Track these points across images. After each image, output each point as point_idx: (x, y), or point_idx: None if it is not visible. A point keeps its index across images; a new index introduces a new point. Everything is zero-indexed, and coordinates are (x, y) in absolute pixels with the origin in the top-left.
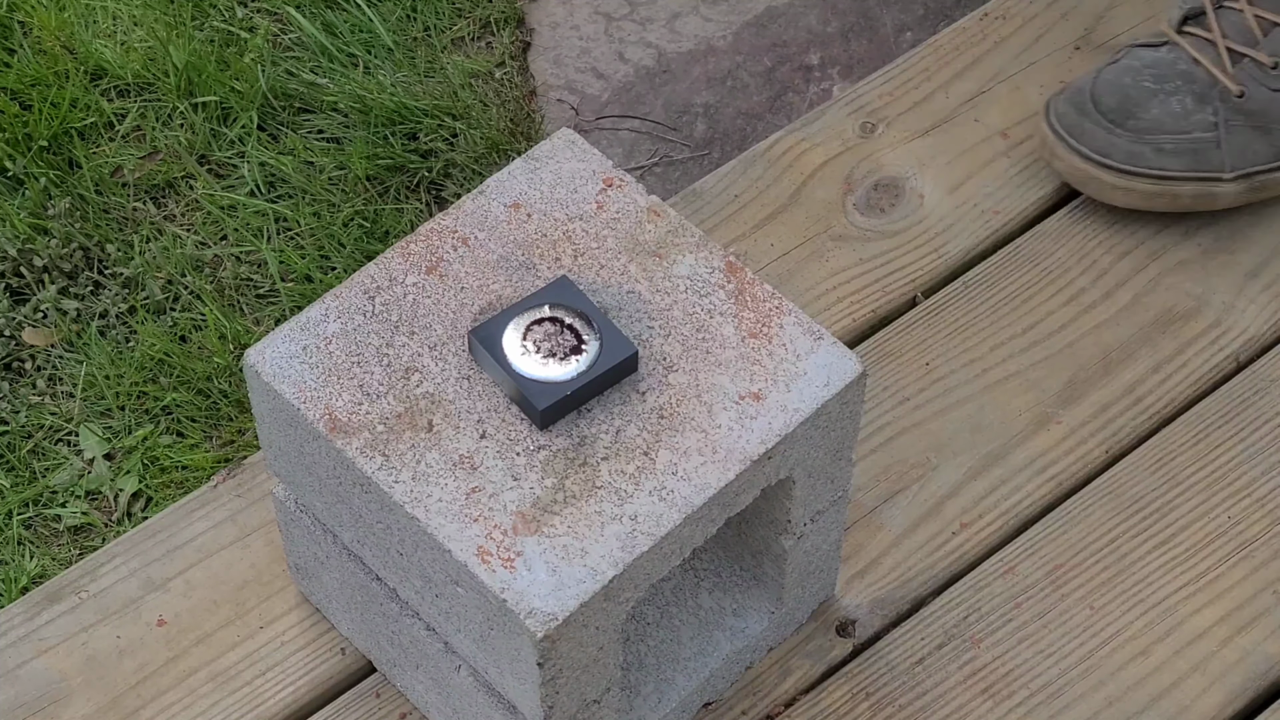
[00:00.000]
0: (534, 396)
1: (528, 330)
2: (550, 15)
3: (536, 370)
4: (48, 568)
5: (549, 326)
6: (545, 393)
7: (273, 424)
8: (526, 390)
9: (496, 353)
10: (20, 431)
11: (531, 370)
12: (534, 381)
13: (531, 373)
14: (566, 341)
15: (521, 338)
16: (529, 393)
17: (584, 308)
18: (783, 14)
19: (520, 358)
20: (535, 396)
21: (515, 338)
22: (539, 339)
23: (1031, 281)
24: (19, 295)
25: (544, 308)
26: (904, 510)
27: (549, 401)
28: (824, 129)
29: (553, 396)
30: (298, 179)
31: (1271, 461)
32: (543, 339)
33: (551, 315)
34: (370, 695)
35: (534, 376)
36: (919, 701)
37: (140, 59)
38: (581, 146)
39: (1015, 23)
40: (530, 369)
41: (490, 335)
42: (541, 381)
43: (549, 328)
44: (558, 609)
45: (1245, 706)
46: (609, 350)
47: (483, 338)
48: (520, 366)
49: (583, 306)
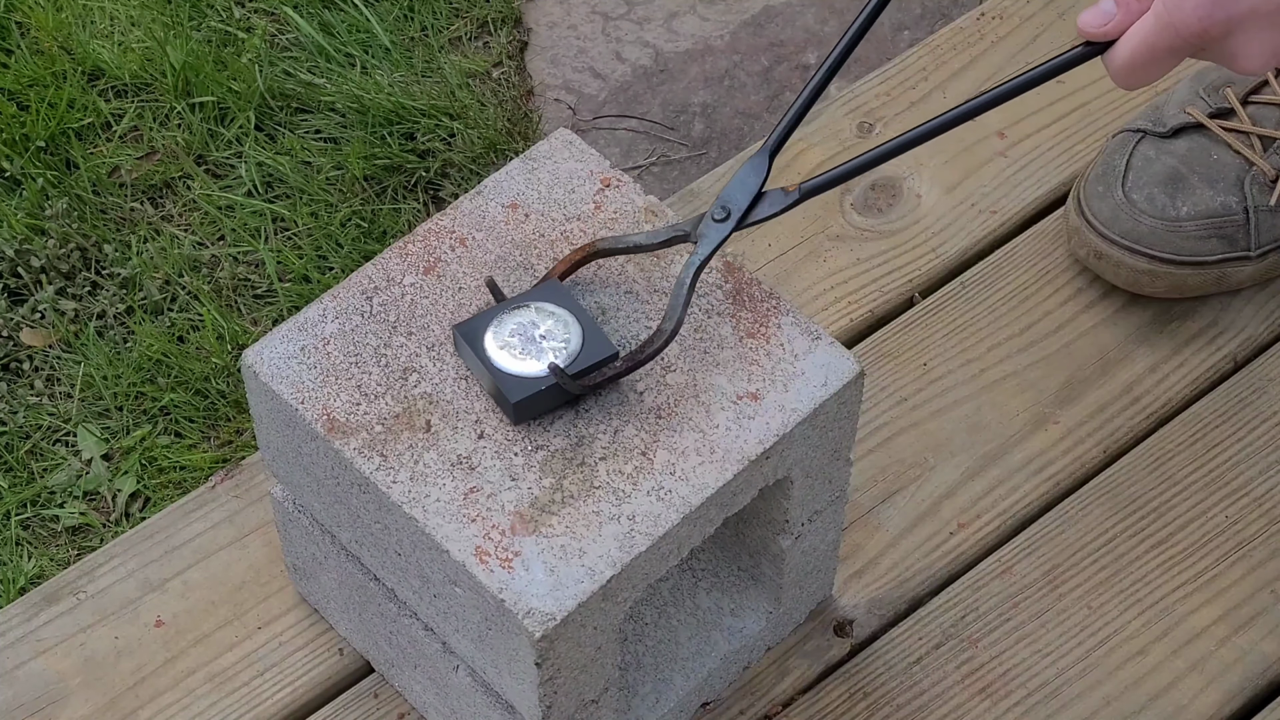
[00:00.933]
0: (508, 390)
1: (510, 327)
2: (548, 15)
3: (513, 365)
4: (46, 568)
5: (531, 325)
6: (519, 386)
7: (270, 424)
8: (501, 383)
9: (477, 347)
10: (18, 432)
11: (508, 365)
12: (509, 375)
13: (508, 367)
14: (549, 342)
15: (506, 334)
16: (504, 386)
17: (570, 307)
18: (780, 13)
19: (499, 352)
20: (510, 390)
21: (497, 334)
22: (519, 335)
23: (1029, 282)
24: (16, 296)
25: (529, 306)
26: (901, 510)
27: (523, 395)
28: (821, 129)
29: (527, 390)
30: (295, 179)
31: (1269, 461)
32: (521, 336)
33: (535, 313)
34: (369, 695)
35: (510, 370)
36: (916, 701)
37: (137, 59)
38: (579, 146)
39: (1012, 22)
40: (507, 364)
41: (473, 331)
42: (517, 376)
43: (531, 326)
44: (556, 609)
45: (1243, 706)
46: (589, 349)
47: (465, 332)
48: (498, 361)
49: (568, 306)
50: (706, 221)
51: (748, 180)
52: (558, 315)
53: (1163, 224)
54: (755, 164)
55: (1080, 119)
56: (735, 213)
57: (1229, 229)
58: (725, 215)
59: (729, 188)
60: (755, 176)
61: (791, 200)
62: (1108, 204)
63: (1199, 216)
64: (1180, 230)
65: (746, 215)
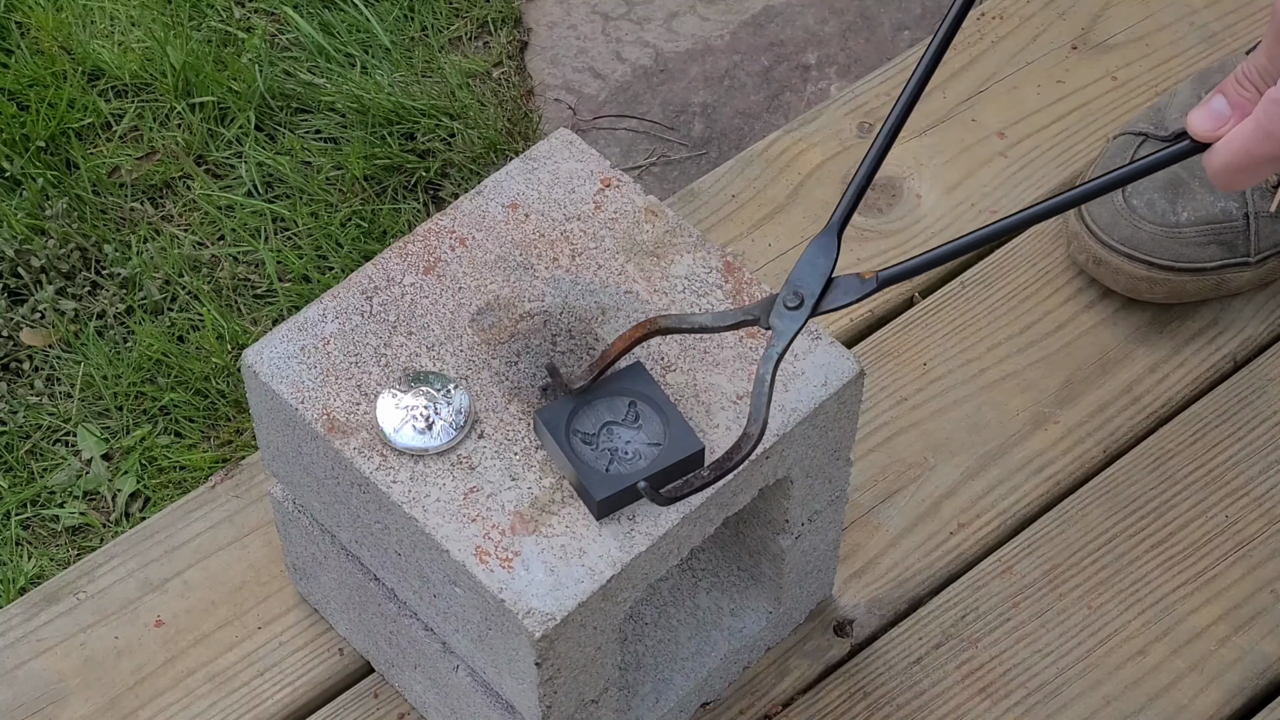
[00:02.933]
0: (592, 486)
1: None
2: (548, 15)
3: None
4: (45, 568)
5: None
6: (605, 483)
7: (270, 424)
8: (585, 479)
9: (559, 437)
10: (18, 432)
11: (591, 459)
12: (595, 471)
13: (593, 462)
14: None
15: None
16: (588, 482)
17: (655, 397)
18: (780, 13)
19: (582, 445)
20: (594, 486)
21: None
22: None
23: (1029, 281)
24: (16, 296)
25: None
26: (901, 510)
27: (607, 493)
28: (822, 128)
29: (611, 488)
30: (295, 179)
31: (1269, 461)
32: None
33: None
34: (369, 695)
35: (596, 466)
36: (916, 701)
37: (137, 59)
38: (579, 146)
39: (1012, 22)
40: (590, 457)
41: (554, 419)
42: (603, 473)
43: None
44: (556, 609)
45: (1243, 706)
46: (674, 443)
47: (547, 420)
48: (581, 454)
49: (654, 395)
50: (778, 309)
51: (816, 261)
52: (645, 405)
53: (1162, 230)
54: (823, 244)
55: (1080, 119)
56: (809, 299)
57: (1229, 235)
58: (798, 303)
59: (798, 270)
60: (824, 258)
61: (869, 289)
62: (1107, 209)
63: (1199, 222)
64: (1180, 236)
65: (820, 303)
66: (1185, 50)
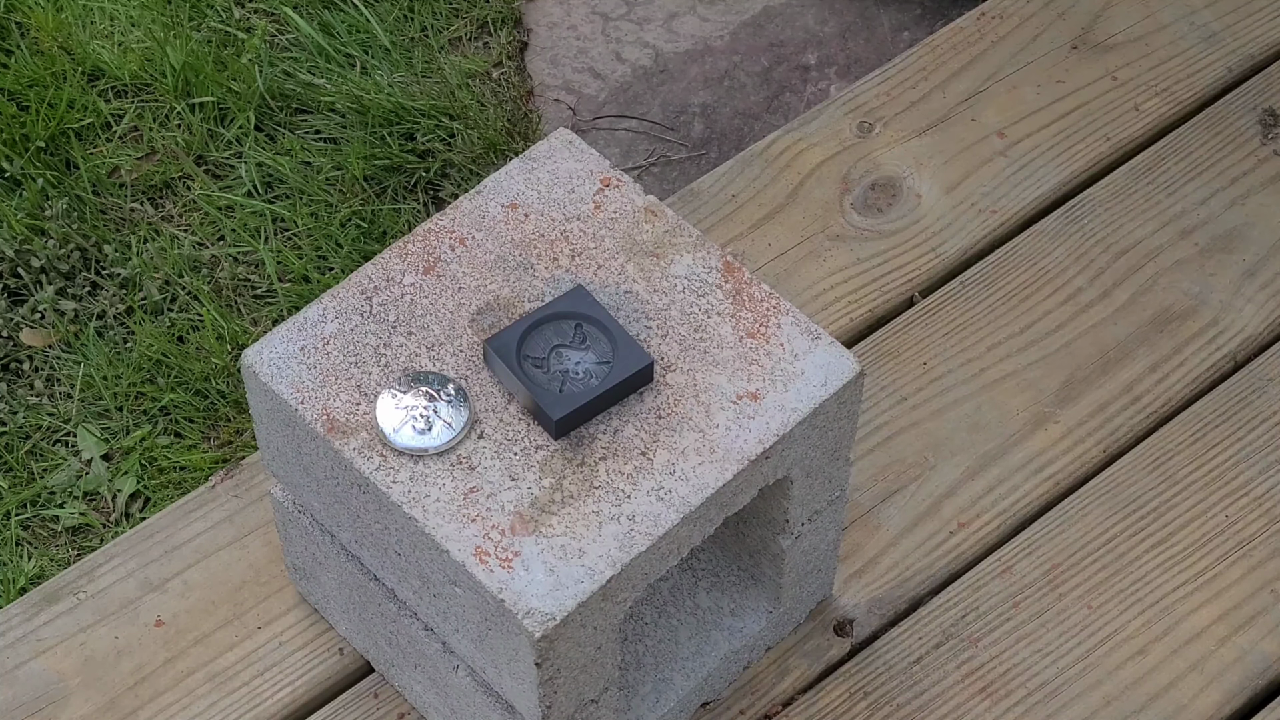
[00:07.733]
0: (549, 406)
1: (542, 341)
2: (547, 15)
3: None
4: (46, 568)
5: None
6: (560, 403)
7: (270, 424)
8: (541, 400)
9: (510, 362)
10: (18, 432)
11: (545, 382)
12: (549, 392)
13: (546, 384)
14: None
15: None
16: (544, 403)
17: (600, 317)
18: (780, 14)
19: (534, 369)
20: (550, 406)
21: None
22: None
23: (1029, 281)
24: (16, 296)
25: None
26: (902, 510)
27: (564, 411)
28: (821, 129)
29: (568, 406)
30: (295, 179)
31: (1269, 461)
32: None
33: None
34: (368, 695)
35: (550, 388)
36: (916, 701)
37: (137, 60)
38: (579, 146)
39: (1012, 22)
40: (544, 380)
41: (505, 345)
42: (557, 394)
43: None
44: (555, 609)
45: (1243, 705)
46: (623, 360)
47: (497, 347)
48: (534, 377)
49: (599, 316)
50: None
51: None
52: (591, 326)
53: None
54: None
55: (1080, 119)
56: None
57: None
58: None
59: None
60: None
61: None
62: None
63: None
64: None
65: None
66: (1185, 50)
